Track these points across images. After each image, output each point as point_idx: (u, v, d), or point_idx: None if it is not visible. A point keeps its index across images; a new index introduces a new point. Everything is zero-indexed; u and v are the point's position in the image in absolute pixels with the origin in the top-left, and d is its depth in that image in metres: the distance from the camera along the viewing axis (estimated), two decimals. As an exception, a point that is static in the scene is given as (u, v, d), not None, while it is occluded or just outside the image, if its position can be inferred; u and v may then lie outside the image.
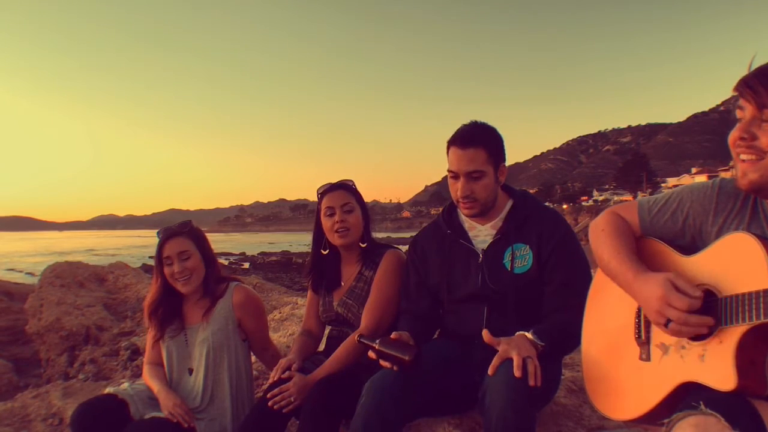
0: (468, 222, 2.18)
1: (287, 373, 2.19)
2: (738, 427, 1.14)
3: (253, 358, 2.66)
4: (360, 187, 2.46)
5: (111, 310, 6.48)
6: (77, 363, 5.61)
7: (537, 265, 2.03)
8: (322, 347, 2.57)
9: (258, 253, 68.24)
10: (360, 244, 2.43)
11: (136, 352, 5.10)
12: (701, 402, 1.21)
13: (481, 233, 2.15)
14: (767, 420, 1.20)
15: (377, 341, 1.88)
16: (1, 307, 8.12)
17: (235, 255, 65.63)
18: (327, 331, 2.57)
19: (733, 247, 1.34)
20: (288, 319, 4.71)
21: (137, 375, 4.44)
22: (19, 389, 5.57)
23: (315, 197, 2.48)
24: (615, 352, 1.60)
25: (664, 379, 1.43)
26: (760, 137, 1.29)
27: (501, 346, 1.75)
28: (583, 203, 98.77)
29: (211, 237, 2.61)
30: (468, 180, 2.03)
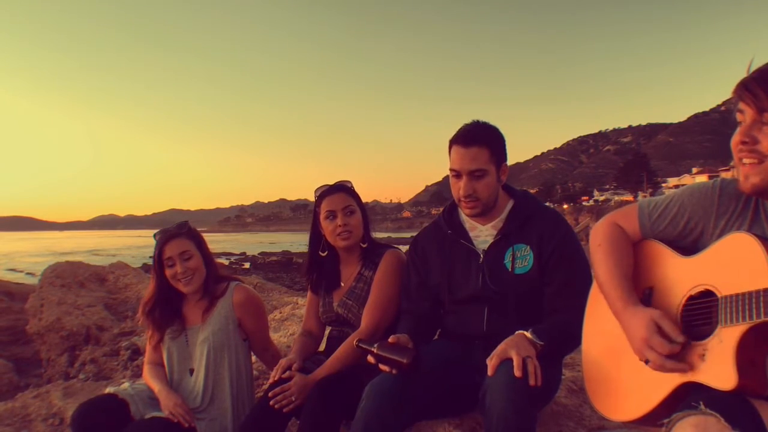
0: (469, 222, 2.18)
1: (288, 373, 2.19)
2: (738, 427, 1.14)
3: (254, 358, 2.66)
4: (360, 187, 2.46)
5: (111, 310, 6.48)
6: (78, 363, 5.61)
7: (537, 266, 2.03)
8: (322, 347, 2.57)
9: (258, 253, 68.26)
10: (360, 244, 2.43)
11: (136, 352, 5.10)
12: (701, 402, 1.20)
13: (482, 233, 2.14)
14: (767, 420, 1.20)
15: (375, 345, 1.87)
16: (2, 307, 8.12)
17: (236, 255, 65.66)
18: (327, 332, 2.57)
19: (733, 247, 1.34)
20: (288, 319, 4.71)
21: (138, 375, 4.44)
22: (20, 389, 5.57)
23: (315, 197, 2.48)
24: (615, 352, 1.59)
25: (664, 380, 1.43)
26: (761, 141, 1.29)
27: (500, 345, 1.75)
28: (584, 203, 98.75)
29: (212, 237, 2.62)
30: (470, 179, 2.03)
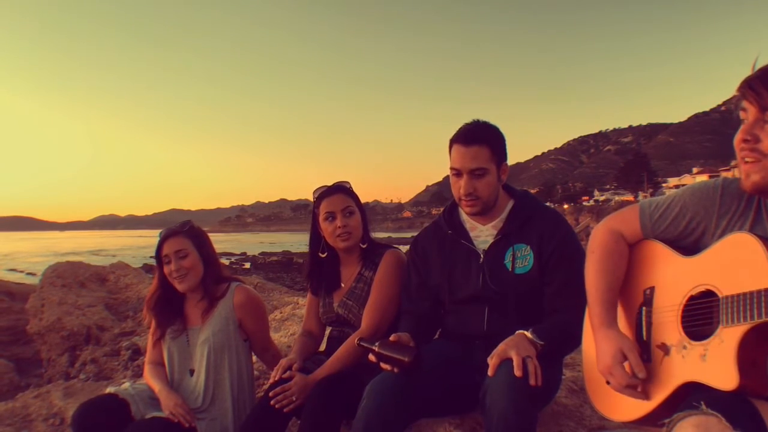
0: (469, 222, 2.18)
1: (288, 373, 2.19)
2: (739, 427, 1.14)
3: (254, 358, 2.66)
4: (361, 187, 2.45)
5: (112, 310, 6.48)
6: (78, 363, 5.61)
7: (538, 266, 2.03)
8: (322, 347, 2.57)
9: (259, 253, 68.27)
10: (360, 245, 2.43)
11: (137, 352, 5.10)
12: (702, 402, 1.20)
13: (482, 233, 2.14)
14: (768, 420, 1.20)
15: (377, 344, 1.87)
16: (3, 307, 8.13)
17: (236, 255, 65.67)
18: (328, 332, 2.57)
19: (734, 247, 1.34)
20: (289, 319, 4.70)
21: (138, 375, 4.44)
22: (20, 389, 5.58)
23: (316, 197, 2.48)
24: (616, 352, 1.59)
25: (665, 380, 1.43)
26: (762, 139, 1.29)
27: (500, 345, 1.75)
28: (584, 203, 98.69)
29: (213, 237, 2.62)
30: (471, 177, 2.03)
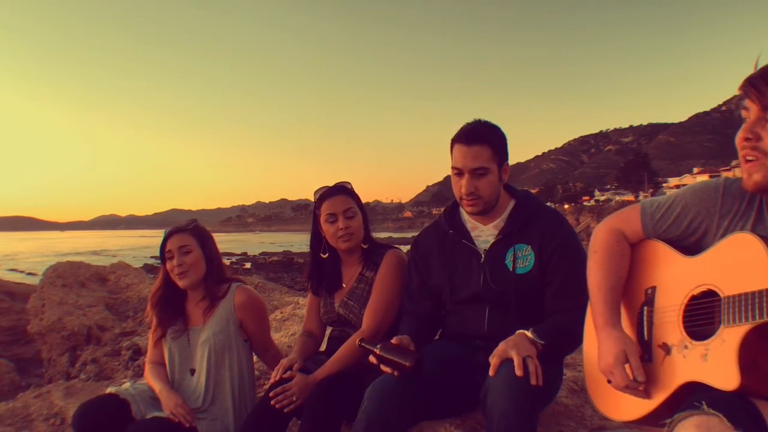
0: (470, 222, 2.18)
1: (289, 373, 2.19)
2: (740, 427, 1.14)
3: (255, 358, 2.66)
4: (361, 187, 2.45)
5: (112, 310, 6.49)
6: (79, 363, 5.61)
7: (539, 266, 2.02)
8: (323, 348, 2.57)
9: (259, 253, 68.25)
10: (361, 245, 2.43)
11: (137, 352, 5.10)
12: (703, 402, 1.20)
13: (483, 233, 2.14)
14: (770, 420, 1.20)
15: (378, 346, 1.87)
16: (3, 307, 8.13)
17: (237, 255, 65.63)
18: (328, 332, 2.57)
19: (736, 247, 1.34)
20: (289, 319, 4.70)
21: (139, 375, 4.44)
22: (21, 389, 5.58)
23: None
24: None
25: (666, 380, 1.43)
26: (764, 138, 1.28)
27: (501, 345, 1.75)
28: (585, 203, 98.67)
29: (213, 237, 2.61)
30: (472, 177, 2.03)
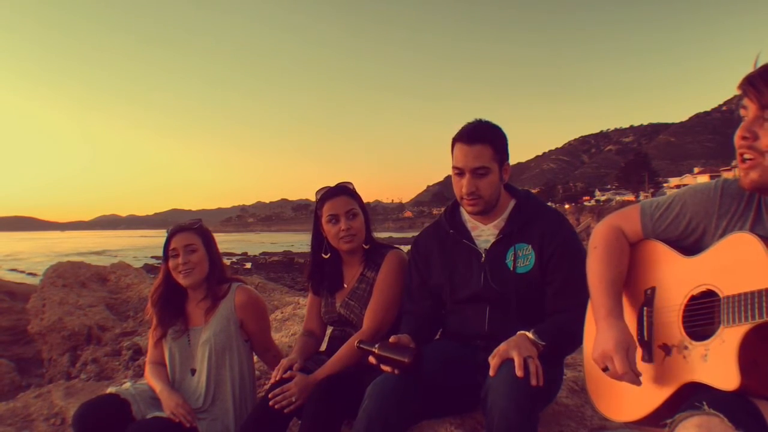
0: (470, 221, 2.18)
1: (289, 373, 2.19)
2: (741, 427, 1.14)
3: (256, 358, 2.66)
4: (362, 187, 2.45)
5: (113, 310, 6.49)
6: (79, 363, 5.61)
7: (539, 265, 2.02)
8: (323, 347, 2.57)
9: (260, 253, 68.23)
10: (363, 245, 2.43)
11: (138, 352, 5.10)
12: (704, 402, 1.20)
13: (484, 233, 2.14)
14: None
15: (376, 346, 1.87)
16: (4, 307, 8.14)
17: (237, 255, 65.61)
18: (329, 332, 2.57)
19: (735, 247, 1.34)
20: (290, 319, 4.71)
21: (139, 375, 4.44)
22: (21, 389, 5.58)
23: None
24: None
25: (666, 380, 1.43)
26: (761, 137, 1.29)
27: (501, 345, 1.75)
28: (585, 203, 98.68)
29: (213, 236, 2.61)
30: (473, 176, 2.03)
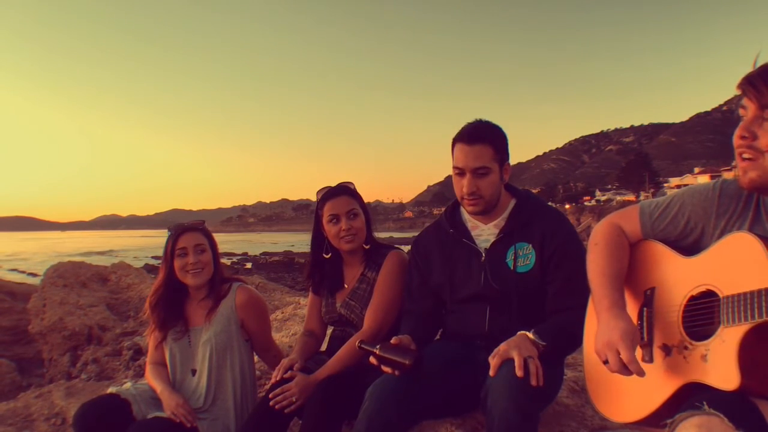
0: (471, 221, 2.18)
1: (289, 373, 2.19)
2: (742, 427, 1.14)
3: (256, 357, 2.66)
4: (362, 187, 2.46)
5: (113, 310, 6.49)
6: (80, 363, 5.61)
7: (539, 265, 2.03)
8: (324, 347, 2.57)
9: (260, 253, 68.20)
10: (363, 245, 2.43)
11: (138, 352, 5.10)
12: (704, 402, 1.20)
13: (484, 232, 2.14)
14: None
15: (377, 347, 1.87)
16: (4, 307, 8.14)
17: (238, 255, 65.58)
18: (330, 332, 2.57)
19: (734, 247, 1.34)
20: (290, 319, 4.71)
21: (140, 375, 4.44)
22: (22, 389, 5.59)
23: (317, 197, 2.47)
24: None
25: (667, 381, 1.43)
26: (760, 137, 1.29)
27: (501, 345, 1.75)
28: (586, 203, 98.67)
29: (215, 237, 2.61)
30: (474, 176, 2.03)
